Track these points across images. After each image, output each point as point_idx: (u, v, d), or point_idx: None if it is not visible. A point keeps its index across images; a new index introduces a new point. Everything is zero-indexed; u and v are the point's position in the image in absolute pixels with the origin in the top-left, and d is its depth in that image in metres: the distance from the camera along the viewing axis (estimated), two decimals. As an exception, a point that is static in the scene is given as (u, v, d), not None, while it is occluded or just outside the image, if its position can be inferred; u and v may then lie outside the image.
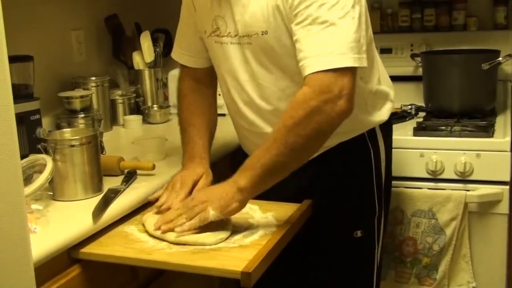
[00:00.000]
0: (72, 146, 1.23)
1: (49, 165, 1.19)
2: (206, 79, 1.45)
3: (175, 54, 1.48)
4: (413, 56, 2.14)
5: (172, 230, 1.13)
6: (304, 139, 1.12)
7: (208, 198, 1.16)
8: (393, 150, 1.48)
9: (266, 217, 1.23)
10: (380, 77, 1.38)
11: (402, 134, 1.82)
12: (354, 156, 1.34)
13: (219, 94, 2.01)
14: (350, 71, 1.14)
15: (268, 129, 1.31)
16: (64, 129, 1.40)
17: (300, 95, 1.13)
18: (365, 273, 1.41)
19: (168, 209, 1.21)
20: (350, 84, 1.14)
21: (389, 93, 1.41)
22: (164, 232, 1.13)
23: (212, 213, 1.14)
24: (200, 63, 1.44)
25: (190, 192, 1.27)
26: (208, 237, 1.12)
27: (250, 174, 1.14)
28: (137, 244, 1.13)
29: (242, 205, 1.16)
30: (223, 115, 2.01)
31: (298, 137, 1.12)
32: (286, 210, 1.25)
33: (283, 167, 1.15)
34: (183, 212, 1.16)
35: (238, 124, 1.40)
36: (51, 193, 1.24)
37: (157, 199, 1.27)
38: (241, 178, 1.15)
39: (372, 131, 1.36)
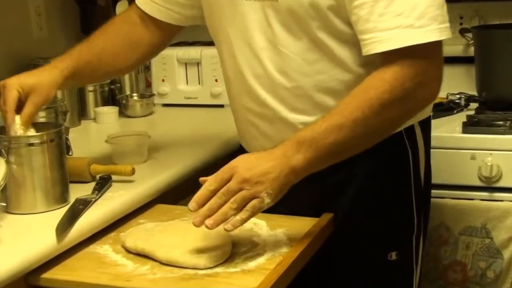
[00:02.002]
0: (30, 145, 1.24)
1: (1, 169, 1.20)
2: (159, 30, 1.47)
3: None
4: (462, 32, 2.14)
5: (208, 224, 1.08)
6: (387, 124, 1.20)
7: (261, 178, 1.11)
8: (437, 151, 1.48)
9: (275, 234, 1.23)
10: None
11: (449, 130, 1.82)
12: (389, 159, 1.34)
13: (216, 80, 2.04)
14: (440, 46, 1.18)
15: (284, 112, 1.31)
16: (20, 124, 1.41)
17: (391, 73, 1.16)
18: None
19: None
20: (442, 63, 1.19)
21: None
22: (211, 227, 1.08)
23: (267, 202, 1.11)
24: (172, 17, 1.46)
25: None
26: (201, 258, 1.12)
27: (311, 153, 1.14)
28: (113, 268, 1.13)
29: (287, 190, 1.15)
30: (221, 106, 2.03)
31: (383, 121, 1.18)
32: (300, 226, 1.25)
33: (350, 151, 1.20)
34: (229, 199, 1.10)
35: (244, 106, 1.38)
36: (4, 204, 1.25)
37: None
38: (298, 154, 1.14)
39: (410, 127, 1.36)
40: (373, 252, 1.36)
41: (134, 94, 2.08)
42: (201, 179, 1.14)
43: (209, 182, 1.12)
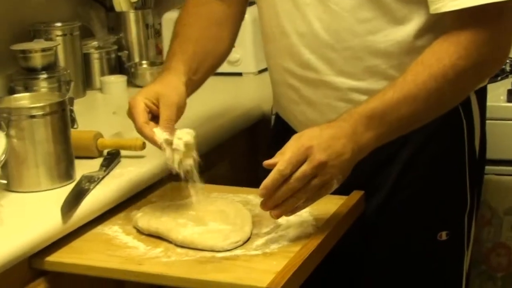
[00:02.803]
0: (32, 117, 1.25)
1: (2, 143, 1.21)
2: None
3: None
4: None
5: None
6: (461, 93, 1.23)
7: (335, 161, 1.12)
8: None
9: (299, 214, 1.23)
10: None
11: (492, 99, 1.78)
12: (441, 129, 1.32)
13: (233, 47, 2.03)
14: (511, 7, 1.18)
15: (330, 76, 1.31)
16: (20, 94, 1.42)
17: (465, 37, 1.16)
18: None
19: None
20: None
21: None
22: (277, 217, 1.13)
23: (334, 188, 1.14)
24: None
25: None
26: (219, 239, 1.13)
27: (381, 129, 1.16)
28: (123, 250, 1.15)
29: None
30: (239, 74, 2.03)
31: (457, 90, 1.20)
32: (328, 204, 1.25)
33: (419, 123, 1.22)
34: (301, 185, 1.11)
35: (283, 67, 1.37)
36: (5, 182, 1.26)
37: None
38: (369, 131, 1.15)
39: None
40: (421, 231, 1.35)
41: (144, 62, 2.08)
42: (266, 163, 1.12)
43: (282, 165, 1.10)
